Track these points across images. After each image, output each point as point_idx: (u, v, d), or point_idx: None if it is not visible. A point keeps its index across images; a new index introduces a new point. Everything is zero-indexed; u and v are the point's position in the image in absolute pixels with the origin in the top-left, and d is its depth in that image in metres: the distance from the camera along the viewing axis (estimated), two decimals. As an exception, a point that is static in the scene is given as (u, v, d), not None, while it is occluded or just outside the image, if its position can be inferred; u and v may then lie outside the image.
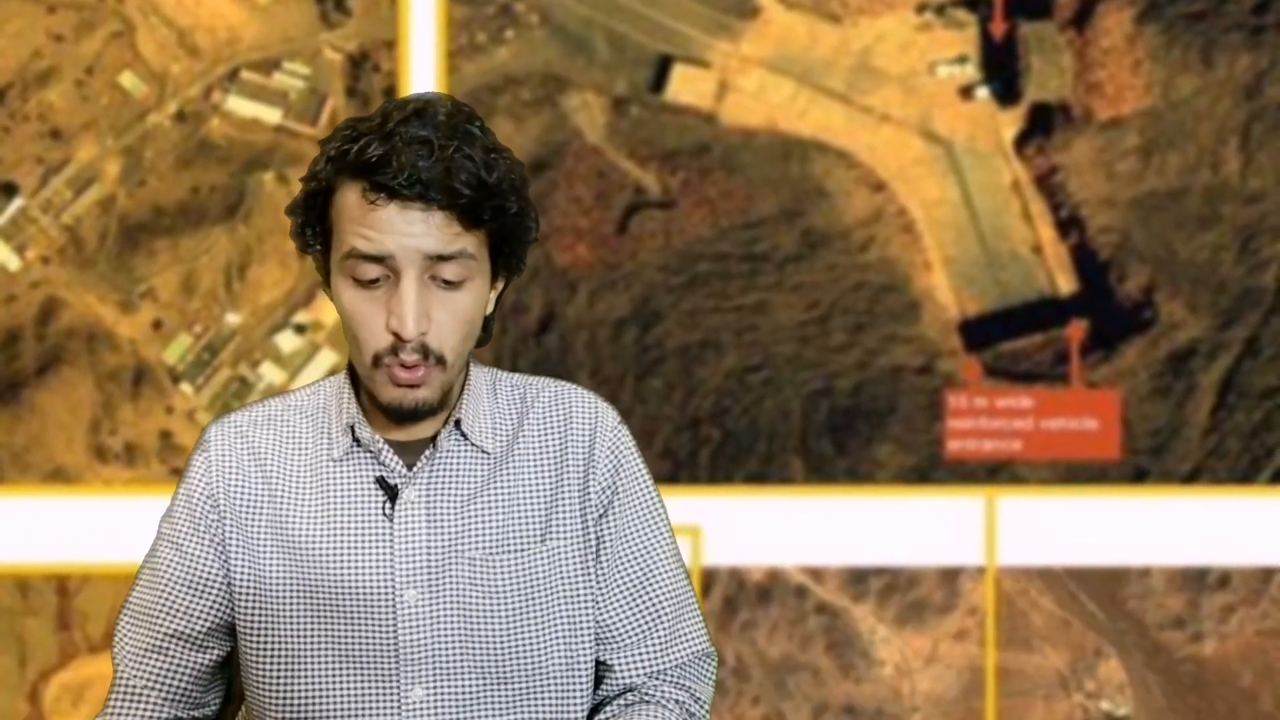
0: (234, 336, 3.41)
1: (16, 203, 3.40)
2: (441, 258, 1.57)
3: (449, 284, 1.59)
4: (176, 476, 3.41)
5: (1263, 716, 3.43)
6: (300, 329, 3.41)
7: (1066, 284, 3.41)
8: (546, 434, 1.71)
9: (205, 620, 1.69)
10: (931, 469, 3.41)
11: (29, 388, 3.41)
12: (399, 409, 1.62)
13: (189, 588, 1.68)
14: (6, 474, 3.41)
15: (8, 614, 3.42)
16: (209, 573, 1.68)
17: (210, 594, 1.68)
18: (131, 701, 1.70)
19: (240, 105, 3.40)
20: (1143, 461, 3.41)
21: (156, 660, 1.70)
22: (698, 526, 3.40)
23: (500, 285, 1.68)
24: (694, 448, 3.41)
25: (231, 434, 1.71)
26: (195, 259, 3.40)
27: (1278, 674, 3.43)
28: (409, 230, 1.55)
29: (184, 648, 1.69)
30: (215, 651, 1.70)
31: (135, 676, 1.70)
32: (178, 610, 1.69)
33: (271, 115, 3.41)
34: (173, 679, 1.70)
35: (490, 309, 1.68)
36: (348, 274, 1.59)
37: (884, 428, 3.42)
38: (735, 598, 3.41)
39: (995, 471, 3.42)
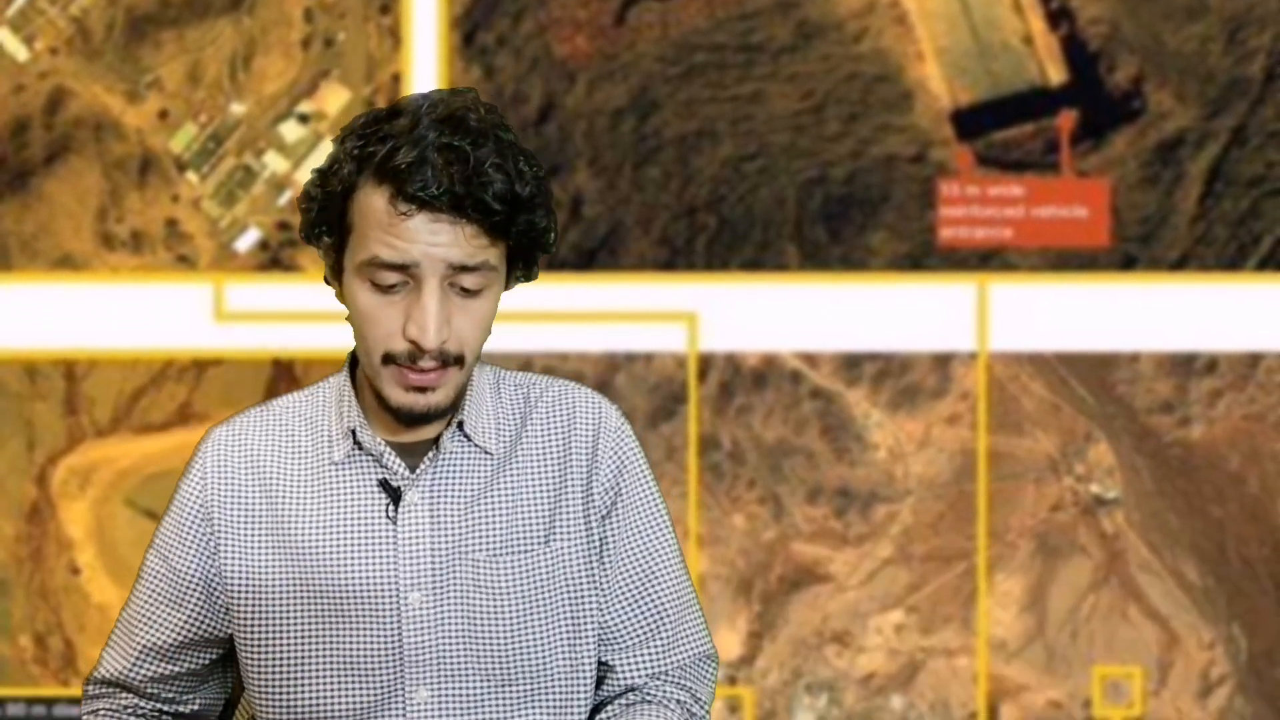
0: (239, 126, 3.47)
1: (25, -6, 3.46)
2: (465, 268, 1.56)
3: (467, 292, 1.58)
4: (181, 264, 3.48)
5: (1249, 499, 3.49)
6: (304, 118, 3.47)
7: (1057, 74, 3.47)
8: (550, 434, 1.71)
9: (179, 633, 1.71)
10: (924, 256, 3.47)
11: (37, 176, 3.47)
12: (410, 413, 1.62)
13: (168, 600, 1.71)
14: (15, 261, 3.46)
15: (16, 399, 3.48)
16: (190, 586, 1.69)
17: (188, 607, 1.70)
18: (103, 691, 1.76)
19: (245, -102, 3.46)
20: (1132, 249, 3.47)
21: (125, 665, 1.73)
22: (694, 313, 3.46)
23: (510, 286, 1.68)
24: (690, 235, 3.47)
25: (227, 441, 1.70)
26: (201, 50, 3.46)
27: (1264, 458, 3.48)
28: (435, 240, 1.54)
29: (153, 658, 1.72)
30: (186, 663, 1.73)
31: (108, 673, 1.75)
32: (154, 622, 1.71)
33: (275, -92, 3.47)
34: (139, 684, 1.74)
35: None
36: (366, 278, 1.57)
37: (877, 215, 3.47)
38: (731, 382, 3.47)
39: (987, 258, 3.47)
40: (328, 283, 1.65)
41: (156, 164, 3.47)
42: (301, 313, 3.40)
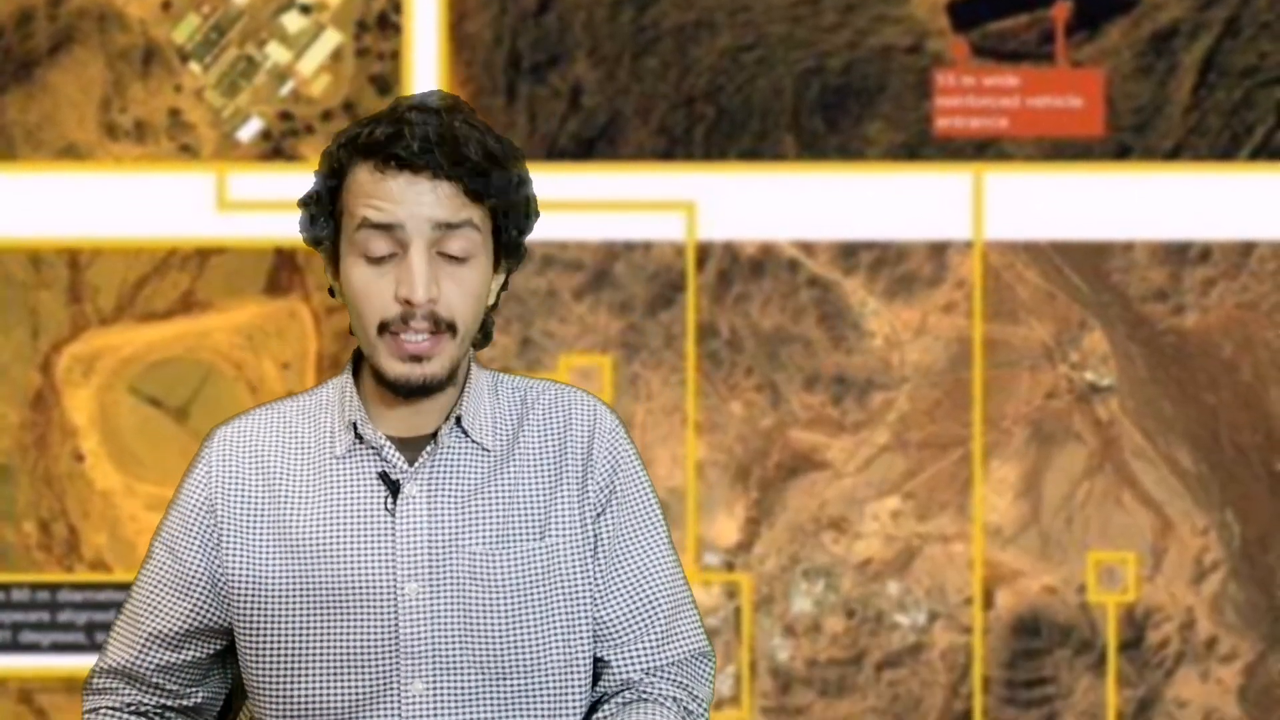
0: (241, 17, 3.50)
1: (29, -114, 3.49)
2: (449, 226, 1.64)
3: (455, 259, 1.65)
4: (184, 153, 3.51)
5: (1242, 386, 3.52)
6: (305, 9, 3.50)
7: (1052, -35, 3.51)
8: (546, 435, 1.75)
9: (185, 621, 1.74)
10: (920, 145, 3.50)
11: (41, 67, 3.50)
12: (407, 383, 1.66)
13: (173, 589, 1.74)
14: (20, 150, 3.49)
15: (21, 287, 3.51)
16: (195, 575, 1.73)
17: (193, 596, 1.73)
18: (108, 683, 1.79)
19: None
20: (1126, 138, 3.50)
21: (131, 654, 1.76)
22: (693, 202, 3.49)
23: (501, 277, 1.74)
24: (689, 125, 3.50)
25: (233, 437, 1.76)
26: (203, -59, 3.50)
27: (1257, 345, 3.51)
28: (419, 199, 1.63)
29: (158, 646, 1.75)
30: (190, 652, 1.76)
31: (113, 663, 1.78)
32: (159, 610, 1.75)
33: None
34: (145, 673, 1.77)
35: (491, 300, 1.73)
36: (358, 250, 1.65)
37: (874, 106, 3.50)
38: (729, 271, 3.50)
39: (982, 148, 3.50)
40: (332, 293, 1.72)
41: (159, 54, 3.50)
42: (303, 202, 3.42)
